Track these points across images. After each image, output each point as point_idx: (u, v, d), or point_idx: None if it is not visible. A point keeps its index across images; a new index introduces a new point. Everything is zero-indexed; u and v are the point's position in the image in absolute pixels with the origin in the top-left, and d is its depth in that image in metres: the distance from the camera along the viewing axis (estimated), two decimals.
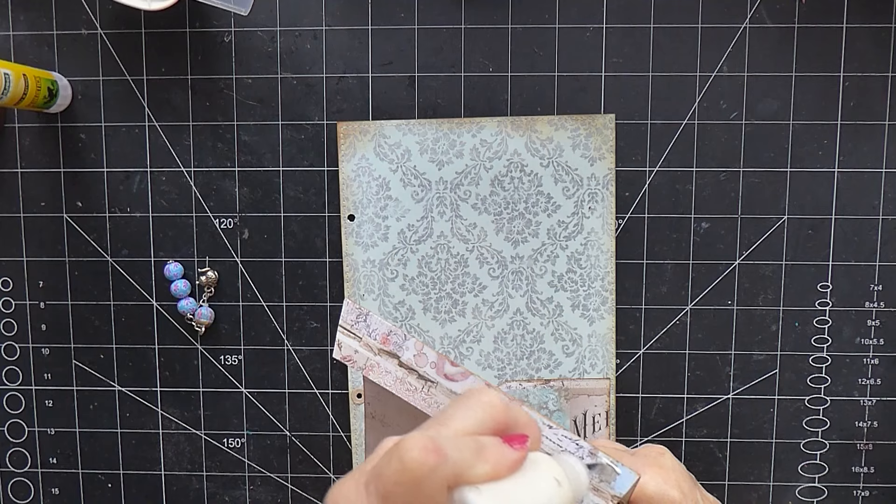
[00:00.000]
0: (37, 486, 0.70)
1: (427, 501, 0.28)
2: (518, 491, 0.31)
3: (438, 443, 0.28)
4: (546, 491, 0.32)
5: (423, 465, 0.28)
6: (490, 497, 0.29)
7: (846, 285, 0.65)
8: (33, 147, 0.67)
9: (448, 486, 0.29)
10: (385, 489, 0.28)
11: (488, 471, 0.30)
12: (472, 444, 0.30)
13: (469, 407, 0.32)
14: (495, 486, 0.30)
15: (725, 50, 0.63)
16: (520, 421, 0.33)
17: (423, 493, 0.28)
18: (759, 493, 0.67)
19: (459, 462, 0.29)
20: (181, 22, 0.65)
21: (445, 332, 0.66)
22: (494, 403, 0.32)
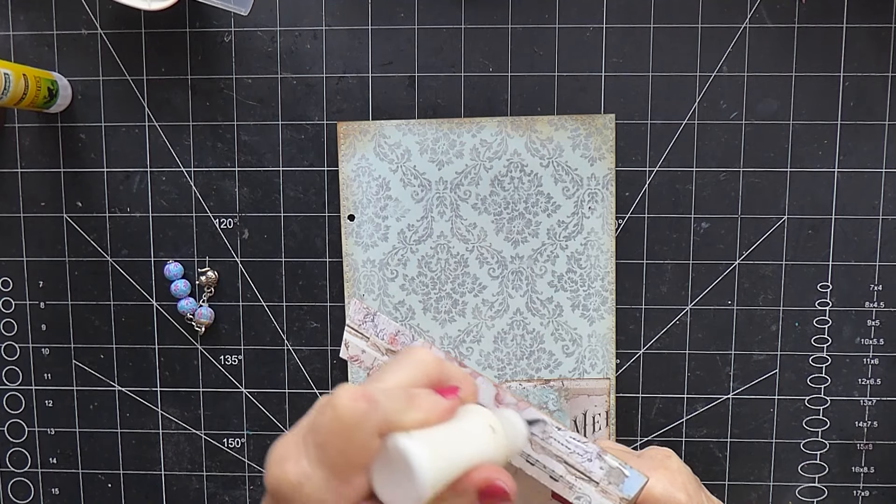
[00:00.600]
0: (37, 486, 0.70)
1: (360, 448, 0.29)
2: (450, 436, 0.31)
3: (369, 392, 0.29)
4: (478, 436, 0.32)
5: (353, 413, 0.28)
6: (421, 441, 0.30)
7: (846, 285, 0.65)
8: (33, 147, 0.67)
9: (380, 434, 0.29)
10: (320, 439, 0.29)
11: (419, 418, 0.30)
12: (403, 394, 0.31)
13: (403, 363, 0.33)
14: (427, 432, 0.30)
15: (725, 50, 0.63)
16: (455, 376, 0.34)
17: (355, 439, 0.29)
18: (759, 493, 0.67)
19: (390, 410, 0.30)
20: (181, 22, 0.65)
21: (445, 332, 0.66)
22: (427, 359, 0.33)
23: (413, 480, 0.29)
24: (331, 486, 0.29)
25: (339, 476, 0.29)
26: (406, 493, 0.29)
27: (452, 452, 0.31)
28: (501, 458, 0.33)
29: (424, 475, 0.29)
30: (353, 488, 0.30)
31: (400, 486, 0.29)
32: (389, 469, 0.30)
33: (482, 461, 0.32)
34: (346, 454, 0.29)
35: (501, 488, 0.31)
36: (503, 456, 0.33)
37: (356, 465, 0.29)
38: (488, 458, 0.32)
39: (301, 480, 0.29)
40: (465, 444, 0.32)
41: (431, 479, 0.29)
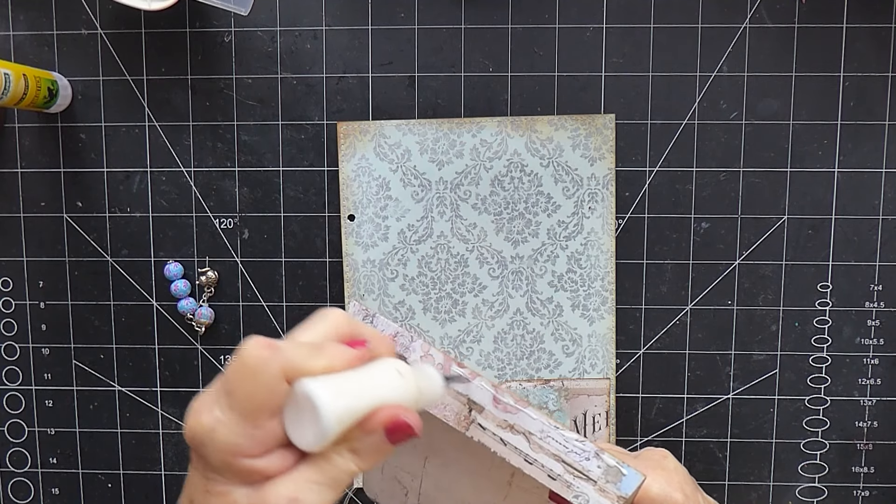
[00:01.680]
0: (37, 486, 0.70)
1: (265, 391, 0.31)
2: (354, 379, 0.33)
3: (273, 341, 0.31)
4: (384, 380, 0.33)
5: (257, 358, 0.31)
6: (326, 383, 0.31)
7: (846, 285, 0.65)
8: (33, 147, 0.67)
9: (286, 379, 0.31)
10: (229, 386, 0.31)
11: (324, 364, 0.32)
12: (309, 344, 0.33)
13: (314, 322, 0.34)
14: (332, 376, 0.32)
15: (725, 50, 0.63)
16: (365, 334, 0.35)
17: (260, 383, 0.31)
18: (759, 493, 0.67)
19: (295, 356, 0.31)
20: (181, 22, 0.65)
21: (445, 332, 0.66)
22: (338, 317, 0.35)
23: (317, 419, 0.30)
24: (243, 429, 0.31)
25: (250, 419, 0.31)
26: (313, 432, 0.31)
27: (356, 393, 0.32)
28: (411, 402, 0.34)
29: (327, 413, 0.30)
30: (266, 432, 0.31)
31: (308, 427, 0.31)
32: (298, 412, 0.31)
33: (389, 402, 0.33)
34: (253, 398, 0.31)
35: (406, 423, 0.32)
36: (412, 400, 0.35)
37: (264, 408, 0.31)
38: (395, 400, 0.33)
39: (214, 426, 0.31)
40: (371, 386, 0.33)
41: (334, 418, 0.31)
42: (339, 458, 0.32)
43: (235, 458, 0.31)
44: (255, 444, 0.31)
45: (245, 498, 0.31)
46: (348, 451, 0.32)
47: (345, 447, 0.32)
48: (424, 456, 0.46)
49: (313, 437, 0.31)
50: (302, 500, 0.31)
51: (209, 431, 0.31)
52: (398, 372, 0.34)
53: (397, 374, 0.34)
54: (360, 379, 0.33)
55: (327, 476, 0.32)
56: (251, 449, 0.31)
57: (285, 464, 0.32)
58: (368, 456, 0.33)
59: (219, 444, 0.31)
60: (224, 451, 0.31)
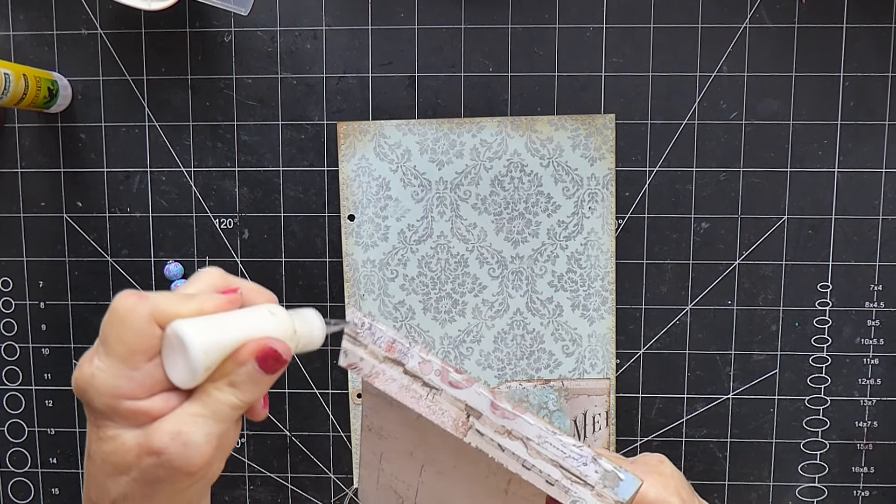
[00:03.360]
0: (37, 486, 0.70)
1: (137, 335, 0.33)
2: (224, 319, 0.34)
3: (143, 292, 0.34)
4: (255, 318, 0.35)
5: (125, 305, 0.33)
6: (192, 322, 0.33)
7: (846, 285, 0.65)
8: (33, 147, 0.67)
9: (157, 323, 0.33)
10: (103, 334, 0.33)
11: (195, 307, 0.34)
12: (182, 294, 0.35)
13: (190, 280, 0.37)
14: (201, 318, 0.34)
15: (725, 50, 0.63)
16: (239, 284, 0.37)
17: (130, 327, 0.33)
18: (759, 493, 0.67)
19: (165, 303, 0.33)
20: (181, 22, 0.65)
21: (445, 332, 0.66)
22: (212, 272, 0.37)
23: (186, 354, 0.32)
24: (121, 372, 0.33)
25: (127, 363, 0.33)
26: (185, 368, 0.33)
27: (225, 329, 0.34)
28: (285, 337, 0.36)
29: (194, 347, 0.32)
30: (145, 375, 0.33)
31: (181, 365, 0.33)
32: (173, 353, 0.33)
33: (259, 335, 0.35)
34: (126, 342, 0.33)
35: (274, 350, 0.34)
36: (287, 336, 0.36)
37: (138, 351, 0.33)
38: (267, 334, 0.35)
39: (94, 373, 0.33)
40: (240, 324, 0.35)
41: (201, 351, 0.33)
42: (217, 392, 0.34)
43: (117, 400, 0.33)
44: (136, 386, 0.33)
45: (133, 438, 0.33)
46: (227, 385, 0.34)
47: (223, 381, 0.34)
48: (421, 465, 0.46)
49: (185, 373, 0.33)
50: (185, 432, 0.33)
51: (89, 378, 0.33)
52: (270, 312, 0.36)
53: (269, 314, 0.36)
54: (229, 319, 0.35)
55: (209, 409, 0.34)
56: (132, 391, 0.33)
57: (169, 404, 0.34)
58: (245, 387, 0.34)
59: (99, 388, 0.33)
60: (105, 395, 0.33)
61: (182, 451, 0.33)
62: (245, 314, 0.35)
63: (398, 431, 0.45)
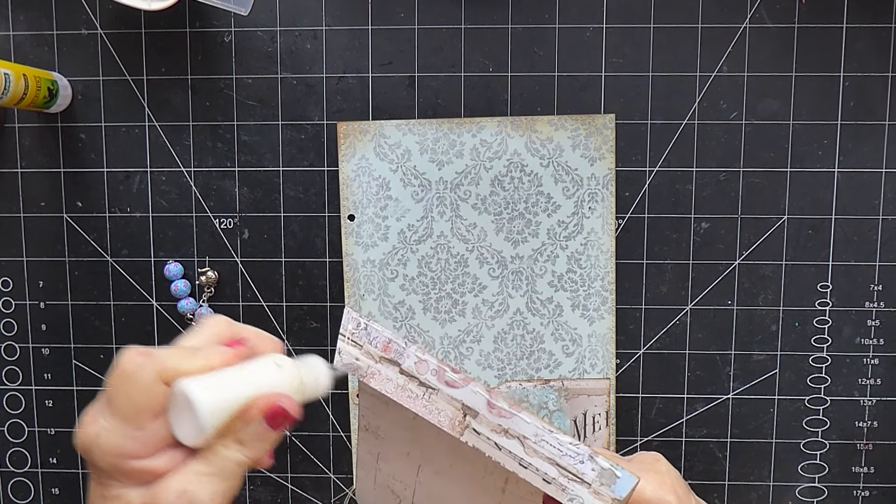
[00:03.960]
0: (37, 486, 0.70)
1: (143, 394, 0.32)
2: (231, 375, 0.34)
3: (149, 349, 0.33)
4: (260, 372, 0.35)
5: (131, 364, 0.32)
6: (199, 381, 0.32)
7: (846, 285, 0.65)
8: (33, 147, 0.67)
9: (164, 381, 0.32)
10: (109, 393, 0.33)
11: (201, 364, 0.33)
12: (187, 349, 0.34)
13: (196, 331, 0.36)
14: (208, 375, 0.33)
15: (725, 50, 0.63)
16: (245, 335, 0.36)
17: (136, 386, 0.32)
18: (759, 493, 0.67)
19: (171, 360, 0.33)
20: (181, 22, 0.65)
21: (445, 332, 0.66)
22: (218, 322, 0.36)
23: (194, 413, 0.32)
24: (126, 432, 0.32)
25: (132, 423, 0.32)
26: (193, 427, 0.32)
27: (231, 386, 0.33)
28: (293, 391, 0.35)
29: (201, 407, 0.32)
30: (150, 434, 0.33)
31: (189, 424, 0.32)
32: (180, 411, 0.33)
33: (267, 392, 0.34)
34: (132, 401, 0.32)
35: (282, 408, 0.34)
36: (294, 390, 0.36)
37: (144, 411, 0.32)
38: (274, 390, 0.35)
39: (99, 433, 0.32)
40: (248, 379, 0.34)
41: (208, 410, 0.32)
42: (224, 450, 0.34)
43: (123, 460, 0.32)
44: (141, 446, 0.32)
45: (138, 498, 0.33)
46: (233, 443, 0.34)
47: (230, 439, 0.34)
48: (417, 465, 0.46)
49: (193, 432, 0.32)
50: (191, 491, 0.33)
51: (94, 438, 0.32)
52: (276, 364, 0.35)
53: (275, 367, 0.35)
54: (236, 374, 0.34)
55: (215, 467, 0.33)
56: (137, 450, 0.32)
57: (174, 462, 0.33)
58: (253, 444, 0.34)
59: (104, 448, 0.32)
60: (110, 455, 0.32)
61: None
62: (252, 368, 0.35)
63: (395, 431, 0.45)
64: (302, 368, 0.37)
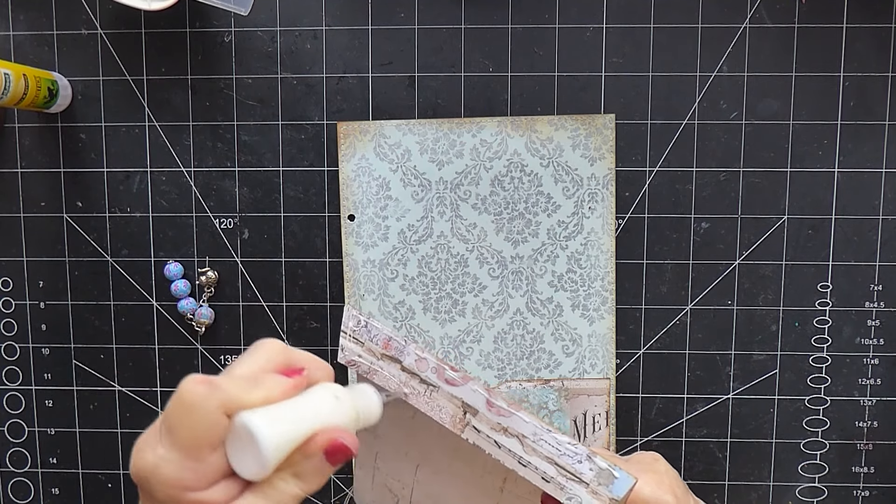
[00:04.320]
0: (37, 486, 0.70)
1: (206, 427, 0.32)
2: (292, 407, 0.34)
3: (210, 377, 0.32)
4: (322, 405, 0.35)
5: (195, 394, 0.32)
6: (263, 414, 0.32)
7: (846, 285, 0.65)
8: (33, 147, 0.67)
9: (226, 413, 0.32)
10: (169, 423, 0.32)
11: (262, 395, 0.33)
12: (247, 378, 0.34)
13: (250, 354, 0.35)
14: (270, 407, 0.33)
15: (725, 50, 0.63)
16: (302, 362, 0.36)
17: (199, 419, 0.32)
18: (759, 493, 0.67)
19: (233, 391, 0.32)
20: (181, 22, 0.65)
21: (445, 332, 0.66)
22: (273, 347, 0.36)
23: (257, 448, 0.32)
24: (186, 464, 0.32)
25: (193, 455, 0.32)
26: (255, 462, 0.32)
27: (294, 420, 0.33)
28: (350, 423, 0.36)
29: (266, 443, 0.32)
30: (209, 466, 0.32)
31: (249, 457, 0.32)
32: (240, 444, 0.32)
33: (327, 426, 0.34)
34: (194, 433, 0.32)
35: (343, 445, 0.34)
36: (351, 421, 0.36)
37: (206, 443, 0.32)
38: (332, 422, 0.35)
39: (158, 463, 0.32)
40: (308, 412, 0.34)
41: (273, 446, 0.32)
42: (282, 483, 0.33)
43: (181, 492, 0.32)
44: (199, 478, 0.32)
45: None
46: (291, 476, 0.33)
47: (287, 472, 0.33)
48: (416, 464, 0.46)
49: (255, 467, 0.32)
50: None
51: (153, 469, 0.32)
52: (335, 396, 0.35)
53: (334, 399, 0.35)
54: (297, 406, 0.34)
55: (272, 501, 0.33)
56: (195, 482, 0.32)
57: (231, 493, 0.33)
58: (310, 479, 0.34)
59: (164, 480, 0.32)
60: (169, 487, 0.32)
61: None
62: (312, 401, 0.35)
63: (393, 431, 0.45)
64: (357, 398, 0.37)
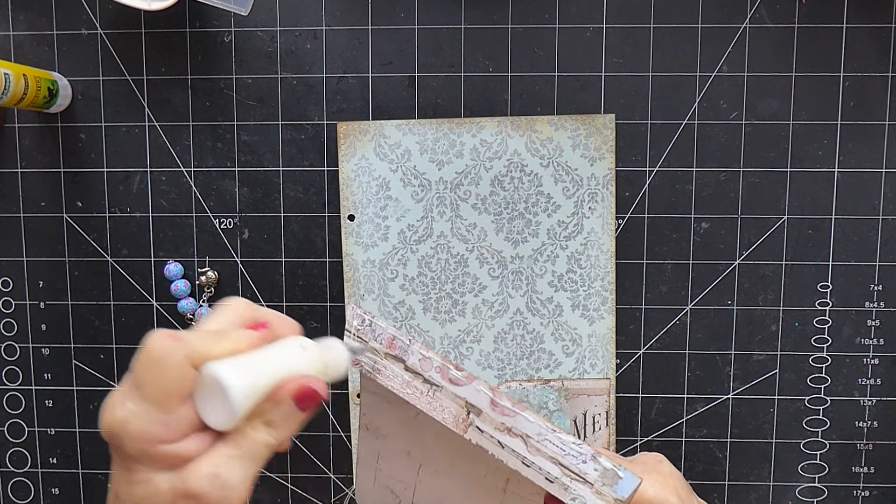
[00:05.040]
0: (37, 486, 0.70)
1: (172, 378, 0.32)
2: (258, 357, 0.34)
3: (174, 332, 0.33)
4: (288, 355, 0.35)
5: (161, 348, 0.32)
6: (230, 364, 0.33)
7: (846, 285, 0.65)
8: (33, 147, 0.67)
9: (193, 365, 0.32)
10: (136, 378, 0.32)
11: (228, 347, 0.33)
12: (213, 332, 0.34)
13: (217, 312, 0.36)
14: (236, 357, 0.33)
15: (725, 50, 0.63)
16: (267, 317, 0.37)
17: (166, 371, 0.32)
18: (759, 493, 0.67)
19: (199, 343, 0.33)
20: (181, 22, 0.65)
21: (445, 332, 0.66)
22: (239, 304, 0.36)
23: (225, 397, 0.32)
24: (155, 417, 0.32)
25: (161, 407, 0.32)
26: (224, 411, 0.32)
27: (260, 369, 0.34)
28: (318, 373, 0.36)
29: (234, 391, 0.32)
30: (179, 418, 0.32)
31: (218, 407, 0.32)
32: (209, 395, 0.33)
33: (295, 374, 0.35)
34: (161, 385, 0.32)
35: (313, 390, 0.34)
36: (319, 372, 0.36)
37: (173, 394, 0.32)
38: (301, 372, 0.35)
39: (127, 417, 0.32)
40: (274, 361, 0.34)
41: (241, 394, 0.32)
42: (253, 432, 0.34)
43: (151, 444, 0.32)
44: (169, 430, 0.32)
45: (167, 482, 0.33)
46: (262, 425, 0.34)
47: (258, 421, 0.34)
48: (418, 464, 0.46)
49: (224, 416, 0.32)
50: (222, 473, 0.32)
51: (122, 423, 0.32)
52: (301, 346, 0.36)
53: (300, 349, 0.36)
54: (264, 356, 0.34)
55: (245, 450, 0.33)
56: (166, 435, 0.32)
57: (202, 445, 0.33)
58: (281, 426, 0.34)
59: (133, 433, 0.32)
60: (139, 440, 0.32)
61: (220, 493, 0.32)
62: (278, 352, 0.35)
63: (395, 431, 0.45)
64: (323, 350, 0.37)
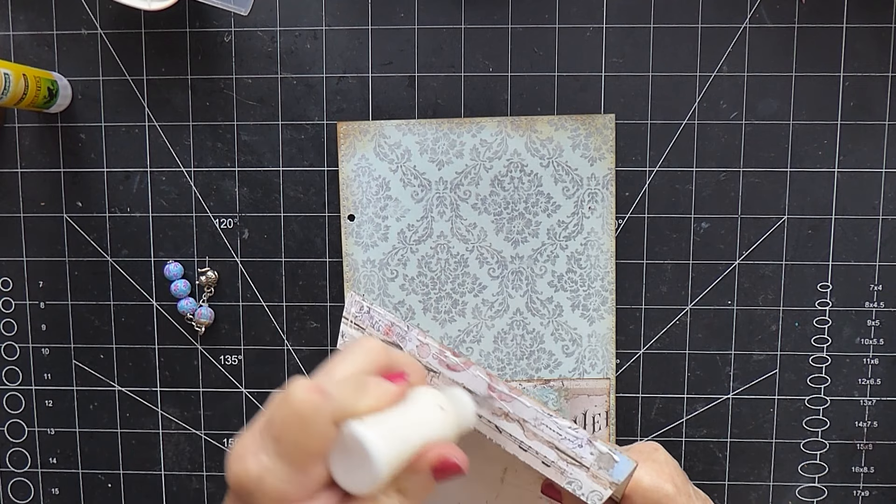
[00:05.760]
0: (37, 486, 0.70)
1: (316, 438, 0.30)
2: (401, 419, 0.33)
3: (322, 385, 0.31)
4: (429, 416, 0.34)
5: (308, 405, 0.30)
6: (374, 426, 0.31)
7: (846, 285, 0.65)
8: (33, 147, 0.67)
9: (335, 422, 0.31)
10: (277, 432, 0.30)
11: (371, 404, 0.32)
12: (354, 383, 0.32)
13: (351, 354, 0.34)
14: (380, 417, 0.32)
15: (725, 50, 0.63)
16: (402, 363, 0.35)
17: (311, 430, 0.30)
18: (759, 493, 0.67)
19: (343, 399, 0.31)
20: (181, 22, 0.65)
21: (445, 332, 0.66)
22: (373, 348, 0.34)
23: (369, 463, 0.30)
24: (291, 476, 0.30)
25: (298, 466, 0.30)
26: (364, 476, 0.31)
27: (405, 434, 0.32)
28: (452, 434, 0.35)
29: (379, 458, 0.30)
30: (312, 477, 0.31)
31: (357, 471, 0.31)
32: (346, 455, 0.31)
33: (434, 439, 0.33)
34: (303, 445, 0.30)
35: (454, 463, 0.33)
36: (453, 432, 0.35)
37: (313, 454, 0.30)
38: (439, 435, 0.34)
39: (261, 474, 0.30)
40: (417, 425, 0.33)
41: (386, 461, 0.31)
42: (385, 499, 0.32)
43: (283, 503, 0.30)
44: (302, 490, 0.31)
45: None
46: (395, 492, 0.32)
47: (391, 487, 0.32)
48: None
49: (363, 481, 0.31)
50: None
51: (257, 480, 0.30)
52: (440, 408, 0.35)
53: (440, 410, 0.34)
54: (405, 418, 0.33)
55: None
56: (297, 494, 0.30)
57: None
58: (414, 495, 0.32)
59: (268, 492, 0.30)
60: (272, 499, 0.30)
61: None
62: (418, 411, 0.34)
63: None
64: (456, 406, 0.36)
